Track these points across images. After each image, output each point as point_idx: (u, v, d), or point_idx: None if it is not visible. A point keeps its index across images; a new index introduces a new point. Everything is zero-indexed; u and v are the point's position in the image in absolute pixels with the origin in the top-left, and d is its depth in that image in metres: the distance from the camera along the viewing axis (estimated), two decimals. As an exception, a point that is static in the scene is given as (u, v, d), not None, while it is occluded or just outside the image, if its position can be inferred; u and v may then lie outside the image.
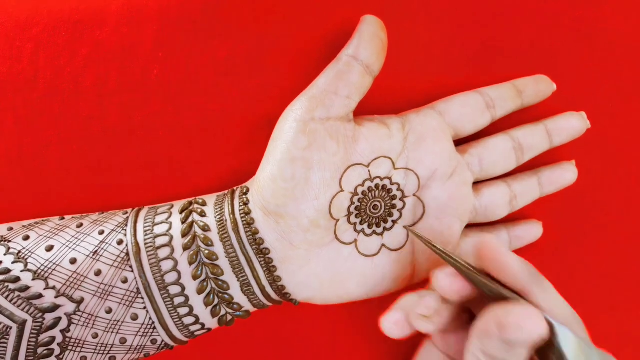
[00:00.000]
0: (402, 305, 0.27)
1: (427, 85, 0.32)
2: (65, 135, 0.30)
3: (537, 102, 0.32)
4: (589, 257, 0.35)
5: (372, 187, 0.28)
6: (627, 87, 0.33)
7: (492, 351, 0.22)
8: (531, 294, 0.23)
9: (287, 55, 0.30)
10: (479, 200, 0.31)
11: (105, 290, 0.27)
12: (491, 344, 0.22)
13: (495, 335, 0.22)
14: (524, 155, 0.31)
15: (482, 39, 0.32)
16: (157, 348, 0.29)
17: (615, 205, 0.34)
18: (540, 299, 0.23)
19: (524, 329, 0.21)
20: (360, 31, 0.27)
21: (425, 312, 0.25)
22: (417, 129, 0.29)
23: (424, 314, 0.25)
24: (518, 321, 0.21)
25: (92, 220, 0.29)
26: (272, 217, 0.27)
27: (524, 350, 0.22)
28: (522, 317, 0.21)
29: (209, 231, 0.27)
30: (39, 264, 0.26)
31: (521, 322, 0.21)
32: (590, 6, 0.32)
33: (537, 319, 0.21)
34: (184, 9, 0.30)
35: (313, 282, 0.28)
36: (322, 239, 0.28)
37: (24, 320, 0.26)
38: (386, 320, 0.26)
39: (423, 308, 0.25)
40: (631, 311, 0.36)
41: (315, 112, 0.27)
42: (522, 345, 0.21)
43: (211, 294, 0.28)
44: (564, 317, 0.23)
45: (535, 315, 0.21)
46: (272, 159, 0.27)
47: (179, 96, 0.30)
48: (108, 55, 0.30)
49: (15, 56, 0.29)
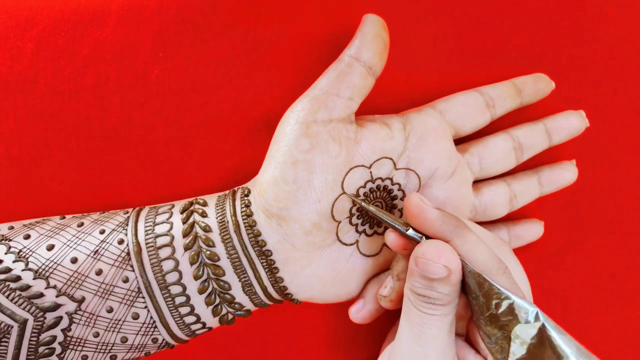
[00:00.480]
0: (364, 294, 0.30)
1: (427, 84, 0.32)
2: (65, 135, 0.30)
3: (536, 100, 0.32)
4: (589, 256, 0.35)
5: (374, 188, 0.28)
6: (626, 87, 0.33)
7: (416, 288, 0.25)
8: (451, 243, 0.25)
9: (287, 55, 0.30)
10: (479, 199, 0.31)
11: (106, 290, 0.27)
12: (414, 280, 0.25)
13: (415, 271, 0.25)
14: (523, 154, 0.31)
15: (482, 38, 0.32)
16: (158, 347, 0.29)
17: (615, 205, 0.35)
18: (459, 248, 0.25)
19: (433, 262, 0.24)
20: (362, 31, 0.27)
21: (384, 293, 0.28)
22: (418, 129, 0.29)
23: (384, 294, 0.28)
24: (426, 254, 0.24)
25: (93, 219, 0.29)
26: (274, 219, 0.27)
27: (444, 287, 0.24)
28: (430, 250, 0.24)
29: (210, 232, 0.27)
30: (39, 263, 0.26)
31: (429, 255, 0.24)
32: (590, 6, 0.32)
33: (444, 252, 0.24)
34: (184, 9, 0.30)
35: (315, 283, 0.28)
36: (324, 240, 0.28)
37: (25, 319, 0.26)
38: (352, 310, 0.30)
39: (383, 289, 0.28)
40: (631, 311, 0.36)
41: (317, 114, 0.27)
42: (439, 281, 0.24)
43: (212, 294, 0.28)
44: (483, 264, 0.24)
45: (443, 249, 0.24)
46: (274, 162, 0.27)
47: (179, 96, 0.30)
48: (108, 56, 0.30)
49: (15, 56, 0.29)
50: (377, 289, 0.29)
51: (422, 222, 0.25)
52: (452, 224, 0.25)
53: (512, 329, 0.23)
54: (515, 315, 0.23)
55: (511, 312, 0.23)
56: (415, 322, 0.25)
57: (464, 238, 0.25)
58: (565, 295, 0.35)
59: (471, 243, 0.25)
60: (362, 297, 0.30)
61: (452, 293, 0.24)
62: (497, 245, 0.27)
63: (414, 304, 0.25)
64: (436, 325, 0.25)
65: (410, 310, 0.25)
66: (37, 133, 0.30)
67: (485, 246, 0.25)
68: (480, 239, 0.25)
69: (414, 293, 0.25)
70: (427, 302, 0.24)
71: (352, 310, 0.30)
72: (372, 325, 0.30)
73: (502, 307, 0.23)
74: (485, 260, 0.24)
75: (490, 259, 0.24)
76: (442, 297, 0.24)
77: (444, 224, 0.25)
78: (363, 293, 0.30)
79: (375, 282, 0.30)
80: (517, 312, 0.23)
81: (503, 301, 0.23)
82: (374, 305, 0.29)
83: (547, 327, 0.22)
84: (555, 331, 0.22)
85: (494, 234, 0.29)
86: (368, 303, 0.30)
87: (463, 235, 0.25)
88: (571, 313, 0.35)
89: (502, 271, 0.24)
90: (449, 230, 0.25)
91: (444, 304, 0.24)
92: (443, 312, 0.25)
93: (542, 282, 0.35)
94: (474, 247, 0.25)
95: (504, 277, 0.24)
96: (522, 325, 0.23)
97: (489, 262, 0.24)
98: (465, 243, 0.25)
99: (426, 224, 0.25)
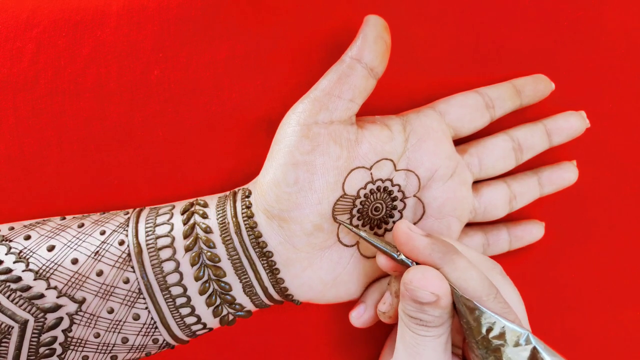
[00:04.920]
0: (365, 299, 0.30)
1: (427, 85, 0.32)
2: (65, 135, 0.30)
3: (536, 101, 0.32)
4: (589, 256, 0.35)
5: (374, 189, 0.29)
6: (626, 87, 0.33)
7: (408, 310, 0.25)
8: (441, 270, 0.25)
9: (288, 55, 0.30)
10: (479, 200, 0.31)
11: (106, 291, 0.27)
12: (406, 303, 0.25)
13: (406, 295, 0.25)
14: (523, 155, 0.31)
15: (481, 39, 0.32)
16: (159, 347, 0.29)
17: (615, 205, 0.35)
18: (449, 275, 0.25)
19: (420, 287, 0.24)
20: (364, 33, 0.27)
21: (383, 309, 0.28)
22: (418, 130, 0.29)
23: (383, 310, 0.28)
24: (413, 281, 0.24)
25: (93, 220, 0.29)
26: (276, 220, 0.27)
27: (435, 310, 0.24)
28: (417, 277, 0.24)
29: (210, 233, 0.27)
30: (40, 263, 0.26)
31: (415, 282, 0.24)
32: (590, 6, 0.32)
33: (431, 280, 0.24)
34: (184, 9, 0.30)
35: (315, 284, 0.29)
36: (325, 241, 0.28)
37: (26, 320, 0.26)
38: (352, 315, 0.30)
39: (382, 305, 0.28)
40: (631, 311, 0.36)
41: (318, 115, 0.27)
42: (429, 305, 0.24)
43: (213, 294, 0.28)
44: (473, 290, 0.24)
45: (430, 276, 0.24)
46: (275, 163, 0.27)
47: (179, 96, 0.30)
48: (108, 56, 0.30)
49: (16, 56, 0.29)
50: (377, 296, 0.30)
51: (411, 250, 0.26)
52: (441, 250, 0.25)
53: (503, 353, 0.23)
54: (507, 339, 0.23)
55: (502, 336, 0.23)
56: (409, 343, 0.25)
57: (454, 265, 0.25)
58: (565, 295, 0.35)
59: (461, 270, 0.25)
60: (363, 302, 0.30)
61: (443, 315, 0.25)
62: (488, 268, 0.27)
63: (408, 326, 0.25)
64: (430, 346, 0.25)
65: (404, 331, 0.26)
66: (37, 133, 0.30)
67: (475, 271, 0.25)
68: (470, 263, 0.25)
69: (407, 315, 0.25)
70: (419, 324, 0.25)
71: (353, 315, 0.30)
72: (372, 326, 0.30)
73: (493, 331, 0.24)
74: (475, 286, 0.24)
75: (480, 284, 0.25)
76: (434, 320, 0.25)
77: (433, 251, 0.25)
78: (363, 297, 0.30)
79: (376, 288, 0.30)
80: (508, 335, 0.23)
81: (494, 326, 0.23)
82: (374, 311, 0.30)
83: (539, 350, 0.23)
84: (547, 353, 0.23)
85: (485, 257, 0.29)
86: (369, 309, 0.30)
87: (453, 261, 0.25)
88: (571, 313, 0.35)
89: (492, 296, 0.24)
90: (438, 257, 0.25)
91: (436, 326, 0.25)
92: (436, 333, 0.25)
93: (542, 282, 0.35)
94: (463, 273, 0.25)
95: (494, 302, 0.24)
96: (514, 349, 0.23)
97: (479, 288, 0.24)
98: (455, 270, 0.25)
99: (415, 252, 0.26)
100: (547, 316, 0.35)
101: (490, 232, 0.32)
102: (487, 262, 0.28)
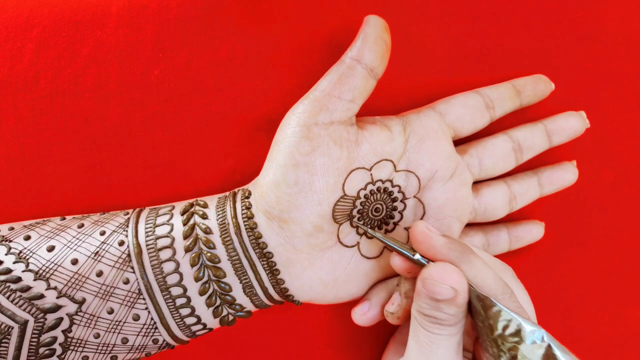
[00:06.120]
0: (370, 296, 0.30)
1: (427, 85, 0.32)
2: (65, 135, 0.30)
3: (536, 101, 0.32)
4: (589, 257, 0.35)
5: (374, 190, 0.28)
6: (626, 87, 0.33)
7: (423, 309, 0.25)
8: (458, 268, 0.25)
9: (288, 55, 0.30)
10: (479, 200, 0.31)
11: (106, 291, 0.27)
12: (421, 301, 0.25)
13: (422, 293, 0.25)
14: (523, 155, 0.31)
15: (481, 39, 0.32)
16: (159, 347, 0.29)
17: (615, 205, 0.35)
18: (466, 272, 0.25)
19: (439, 283, 0.24)
20: (364, 33, 0.27)
21: (391, 310, 0.28)
22: (418, 131, 0.29)
23: (391, 311, 0.28)
24: (433, 275, 0.25)
25: (93, 220, 0.29)
26: (276, 221, 0.27)
27: (450, 308, 0.24)
28: (437, 272, 0.25)
29: (210, 234, 0.27)
30: (40, 264, 0.26)
31: (435, 276, 0.25)
32: (590, 6, 0.32)
33: (451, 274, 0.24)
34: (184, 9, 0.30)
35: (316, 284, 0.29)
36: (325, 242, 0.28)
37: (26, 320, 0.26)
38: (356, 311, 0.30)
39: (390, 305, 0.29)
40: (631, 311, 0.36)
41: (318, 116, 0.27)
42: (446, 302, 0.24)
43: (213, 295, 0.28)
44: (489, 288, 0.25)
45: (450, 271, 0.25)
46: (275, 164, 0.27)
47: (179, 96, 0.30)
48: (108, 56, 0.30)
49: (16, 56, 0.29)
50: (383, 295, 0.30)
51: (429, 248, 0.26)
52: (458, 250, 0.26)
53: (519, 350, 0.23)
54: (522, 337, 0.23)
55: (518, 334, 0.24)
56: (422, 341, 0.25)
57: (471, 263, 0.25)
58: (566, 295, 0.35)
59: (478, 268, 0.25)
60: (367, 300, 0.30)
61: (458, 314, 0.25)
62: (501, 270, 0.28)
63: (422, 325, 0.25)
64: (443, 345, 0.25)
65: (417, 330, 0.26)
66: (37, 133, 0.30)
67: (491, 271, 0.25)
68: (486, 264, 0.26)
69: (421, 314, 0.25)
70: (434, 322, 0.25)
71: (356, 312, 0.30)
72: (373, 326, 0.30)
73: (509, 329, 0.24)
74: (491, 285, 0.25)
75: (496, 283, 0.25)
76: (449, 318, 0.25)
77: (451, 250, 0.26)
78: (368, 295, 0.30)
79: (381, 288, 0.30)
80: (524, 333, 0.23)
81: (510, 323, 0.24)
82: (379, 310, 0.30)
83: (553, 348, 0.23)
84: (561, 351, 0.23)
85: (497, 260, 0.29)
86: (374, 307, 0.30)
87: (470, 260, 0.25)
88: (571, 313, 0.35)
89: (508, 295, 0.25)
90: (455, 256, 0.26)
91: (451, 325, 0.25)
92: (450, 332, 0.25)
93: (542, 282, 0.35)
94: (480, 272, 0.25)
95: (510, 300, 0.25)
96: (529, 346, 0.23)
97: (495, 286, 0.25)
98: (472, 268, 0.25)
99: (433, 250, 0.26)
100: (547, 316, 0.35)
101: (490, 233, 0.32)
102: (499, 264, 0.29)
